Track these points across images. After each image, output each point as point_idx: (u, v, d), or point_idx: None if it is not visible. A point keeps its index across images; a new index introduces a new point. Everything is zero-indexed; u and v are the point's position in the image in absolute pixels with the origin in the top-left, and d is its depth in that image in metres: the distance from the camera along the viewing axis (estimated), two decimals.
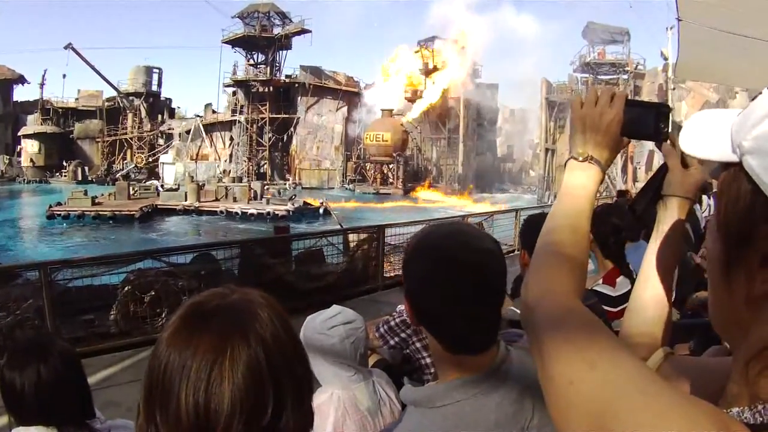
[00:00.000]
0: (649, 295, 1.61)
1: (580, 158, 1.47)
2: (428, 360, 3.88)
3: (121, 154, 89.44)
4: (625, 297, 1.78)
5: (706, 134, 1.11)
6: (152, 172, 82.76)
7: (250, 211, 51.34)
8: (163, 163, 78.99)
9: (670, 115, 1.52)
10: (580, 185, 1.46)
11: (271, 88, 78.09)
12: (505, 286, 1.85)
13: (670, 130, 1.50)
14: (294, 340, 1.39)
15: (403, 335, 3.96)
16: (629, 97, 1.52)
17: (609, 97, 1.49)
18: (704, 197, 10.72)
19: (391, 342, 4.04)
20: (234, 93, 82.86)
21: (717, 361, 1.46)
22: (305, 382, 1.40)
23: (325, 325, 2.93)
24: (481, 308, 1.72)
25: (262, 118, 78.16)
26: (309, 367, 1.44)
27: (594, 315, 1.13)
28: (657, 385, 0.90)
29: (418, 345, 3.96)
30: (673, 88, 43.62)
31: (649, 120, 1.50)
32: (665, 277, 1.59)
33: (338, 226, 26.30)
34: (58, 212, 50.22)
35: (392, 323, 4.01)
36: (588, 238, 1.46)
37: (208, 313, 1.29)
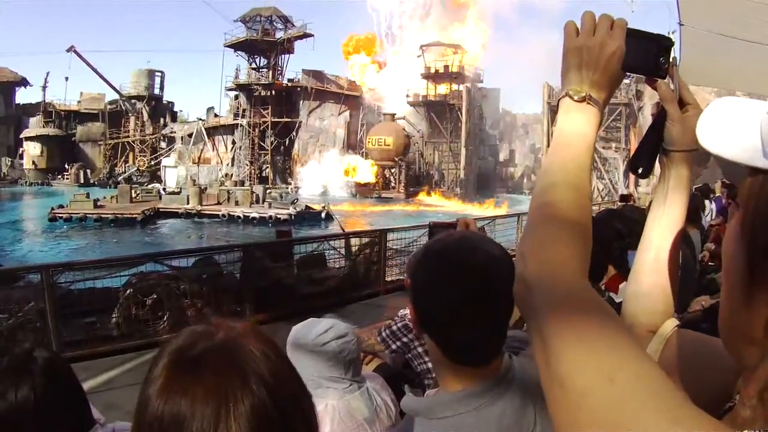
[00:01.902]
0: (652, 258, 1.49)
1: (576, 97, 1.28)
2: (429, 365, 3.87)
3: (123, 157, 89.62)
4: None
5: (729, 128, 1.02)
6: (154, 175, 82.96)
7: (252, 215, 51.37)
8: (165, 167, 79.23)
9: (671, 50, 1.38)
10: (577, 133, 1.26)
11: (274, 92, 78.11)
12: (511, 298, 1.77)
13: (669, 65, 1.38)
14: (294, 373, 1.29)
15: (404, 339, 3.95)
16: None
17: (609, 24, 1.29)
18: (707, 202, 10.72)
19: (393, 346, 4.03)
20: (236, 97, 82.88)
21: None
22: (313, 417, 1.30)
23: (319, 340, 2.88)
24: (488, 318, 1.68)
25: (264, 122, 78.09)
26: (312, 401, 1.34)
27: (606, 304, 0.98)
28: (684, 408, 0.80)
29: (419, 350, 3.95)
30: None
31: (650, 53, 1.35)
32: (672, 240, 1.48)
33: (340, 230, 26.28)
34: (60, 215, 50.44)
35: (394, 327, 3.99)
36: (590, 197, 1.24)
37: (197, 359, 1.14)
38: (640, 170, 1.47)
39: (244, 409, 1.09)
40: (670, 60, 1.37)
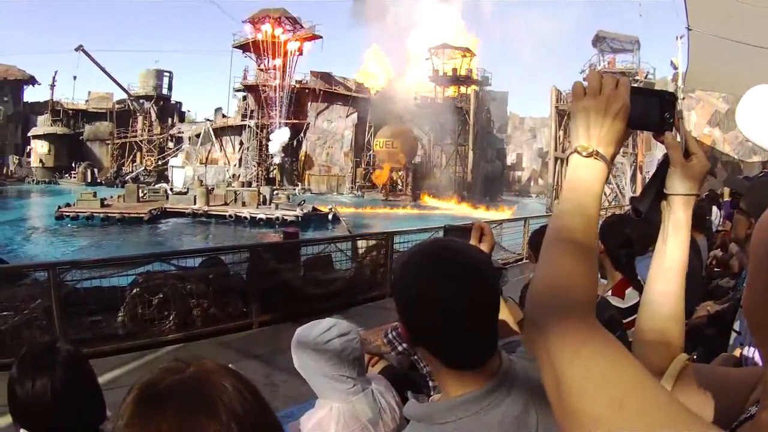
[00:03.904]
0: (660, 291, 1.53)
1: (584, 153, 1.33)
2: None
3: (131, 156, 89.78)
4: (634, 309, 1.74)
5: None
6: (161, 175, 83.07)
7: (259, 216, 51.32)
8: (172, 167, 79.28)
9: (676, 103, 1.45)
10: (585, 185, 1.31)
11: (282, 93, 77.97)
12: (498, 295, 1.81)
13: (674, 119, 1.43)
14: (269, 412, 1.25)
15: None
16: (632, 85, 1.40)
17: (614, 84, 1.36)
18: (714, 208, 10.69)
19: (399, 348, 4.03)
20: (244, 98, 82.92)
21: (739, 371, 1.42)
22: None
23: (321, 339, 2.88)
24: (478, 319, 1.68)
25: (272, 123, 78.05)
26: None
27: (615, 338, 1.03)
28: (695, 426, 0.84)
29: None
30: (683, 98, 43.53)
31: (654, 109, 1.41)
32: (676, 276, 1.52)
33: (347, 232, 26.28)
34: (67, 213, 50.44)
35: (400, 329, 4.00)
36: (596, 240, 1.29)
37: (162, 393, 1.13)
38: (642, 214, 1.53)
39: None
40: (675, 113, 1.43)
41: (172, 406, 1.10)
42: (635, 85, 1.36)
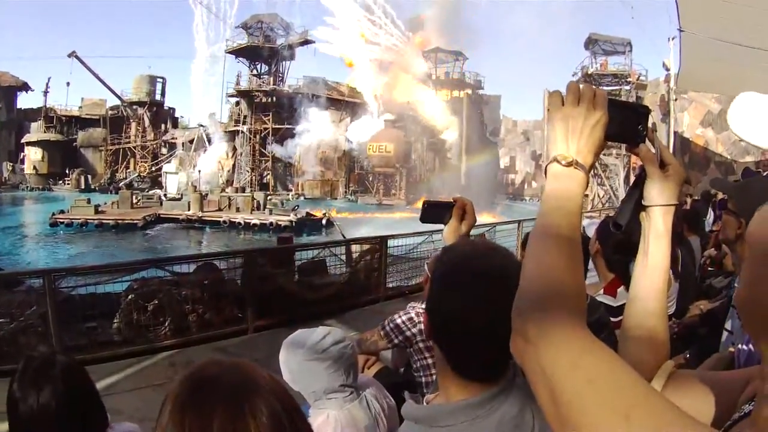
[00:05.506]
0: (645, 287, 1.55)
1: (564, 162, 1.32)
2: (430, 361, 3.92)
3: (125, 162, 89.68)
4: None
5: (757, 119, 1.00)
6: (155, 181, 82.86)
7: (252, 222, 51.35)
8: (166, 173, 79.13)
9: (649, 116, 1.47)
10: (566, 196, 1.30)
11: (275, 99, 78.06)
12: None
13: (648, 131, 1.46)
14: (300, 411, 1.34)
15: (408, 333, 4.00)
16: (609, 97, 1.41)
17: (592, 94, 1.36)
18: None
19: (395, 341, 4.07)
20: (237, 103, 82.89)
21: (727, 374, 1.42)
22: None
23: (319, 347, 2.88)
24: (500, 342, 1.64)
25: (265, 129, 78.09)
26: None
27: (608, 347, 1.00)
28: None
29: (421, 345, 3.99)
30: (675, 99, 43.59)
31: (629, 122, 1.43)
32: (659, 279, 1.54)
33: (341, 237, 26.24)
34: (61, 220, 50.46)
35: (398, 321, 4.05)
36: (581, 254, 1.26)
37: (210, 378, 1.22)
38: (621, 227, 1.56)
39: (262, 414, 1.17)
40: (649, 126, 1.45)
41: (223, 388, 1.19)
42: (627, 86, 1.38)
